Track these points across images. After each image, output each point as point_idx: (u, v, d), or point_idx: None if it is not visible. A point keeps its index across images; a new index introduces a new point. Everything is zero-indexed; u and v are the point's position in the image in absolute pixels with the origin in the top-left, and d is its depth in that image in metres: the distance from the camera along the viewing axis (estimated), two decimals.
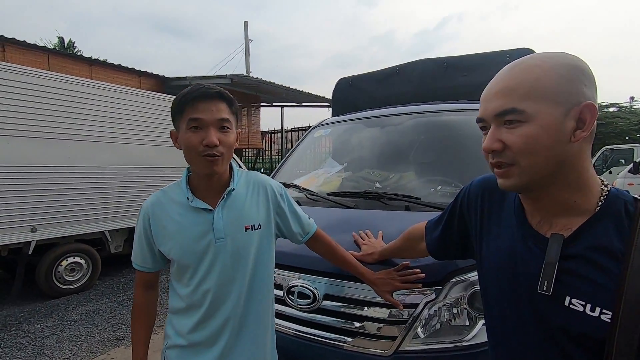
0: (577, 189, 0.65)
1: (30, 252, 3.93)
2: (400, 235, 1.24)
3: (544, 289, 0.64)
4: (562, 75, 0.62)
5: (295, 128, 15.02)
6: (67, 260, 4.33)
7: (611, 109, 17.59)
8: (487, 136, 0.68)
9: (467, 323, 1.24)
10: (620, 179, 8.75)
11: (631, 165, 8.72)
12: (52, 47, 12.26)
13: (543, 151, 0.62)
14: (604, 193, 0.65)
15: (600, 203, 0.64)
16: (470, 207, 0.90)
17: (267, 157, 16.50)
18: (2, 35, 7.78)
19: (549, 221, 0.69)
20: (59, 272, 4.27)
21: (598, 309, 0.58)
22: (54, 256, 4.22)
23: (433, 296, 1.25)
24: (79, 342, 3.18)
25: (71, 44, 15.85)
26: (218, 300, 1.05)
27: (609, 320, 0.57)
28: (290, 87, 11.80)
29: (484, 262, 0.82)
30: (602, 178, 0.68)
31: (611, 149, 11.70)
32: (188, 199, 1.05)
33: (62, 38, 15.78)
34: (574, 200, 0.65)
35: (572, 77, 0.62)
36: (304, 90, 12.29)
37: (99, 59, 10.28)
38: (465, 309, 1.25)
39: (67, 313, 3.83)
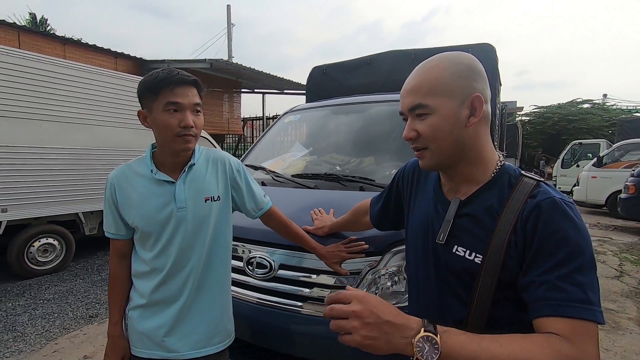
0: (477, 163, 0.81)
1: (0, 233, 3.92)
2: (349, 210, 1.38)
3: (440, 239, 0.82)
4: (454, 73, 0.77)
5: (277, 115, 14.98)
6: (39, 242, 4.32)
7: (585, 106, 18.15)
8: (406, 127, 0.83)
9: (404, 289, 1.40)
10: (585, 172, 8.94)
11: (595, 159, 8.95)
12: (23, 24, 11.70)
13: (446, 136, 0.78)
14: (497, 167, 0.81)
15: (492, 175, 0.80)
16: (404, 184, 1.06)
17: (248, 143, 16.41)
18: None
19: (455, 189, 0.86)
20: (31, 252, 4.26)
21: (474, 254, 0.76)
22: (25, 237, 4.21)
23: (375, 264, 1.40)
24: (52, 320, 3.23)
25: (44, 21, 15.12)
26: (179, 264, 1.17)
27: (479, 262, 0.75)
28: (271, 73, 11.74)
29: (408, 227, 0.99)
30: (500, 154, 0.84)
31: (580, 143, 12.07)
32: (152, 171, 1.15)
33: (34, 14, 15.03)
34: (474, 173, 0.82)
35: (463, 74, 0.77)
36: (285, 78, 12.25)
37: (73, 38, 9.94)
38: (404, 277, 1.40)
39: (40, 292, 3.85)
